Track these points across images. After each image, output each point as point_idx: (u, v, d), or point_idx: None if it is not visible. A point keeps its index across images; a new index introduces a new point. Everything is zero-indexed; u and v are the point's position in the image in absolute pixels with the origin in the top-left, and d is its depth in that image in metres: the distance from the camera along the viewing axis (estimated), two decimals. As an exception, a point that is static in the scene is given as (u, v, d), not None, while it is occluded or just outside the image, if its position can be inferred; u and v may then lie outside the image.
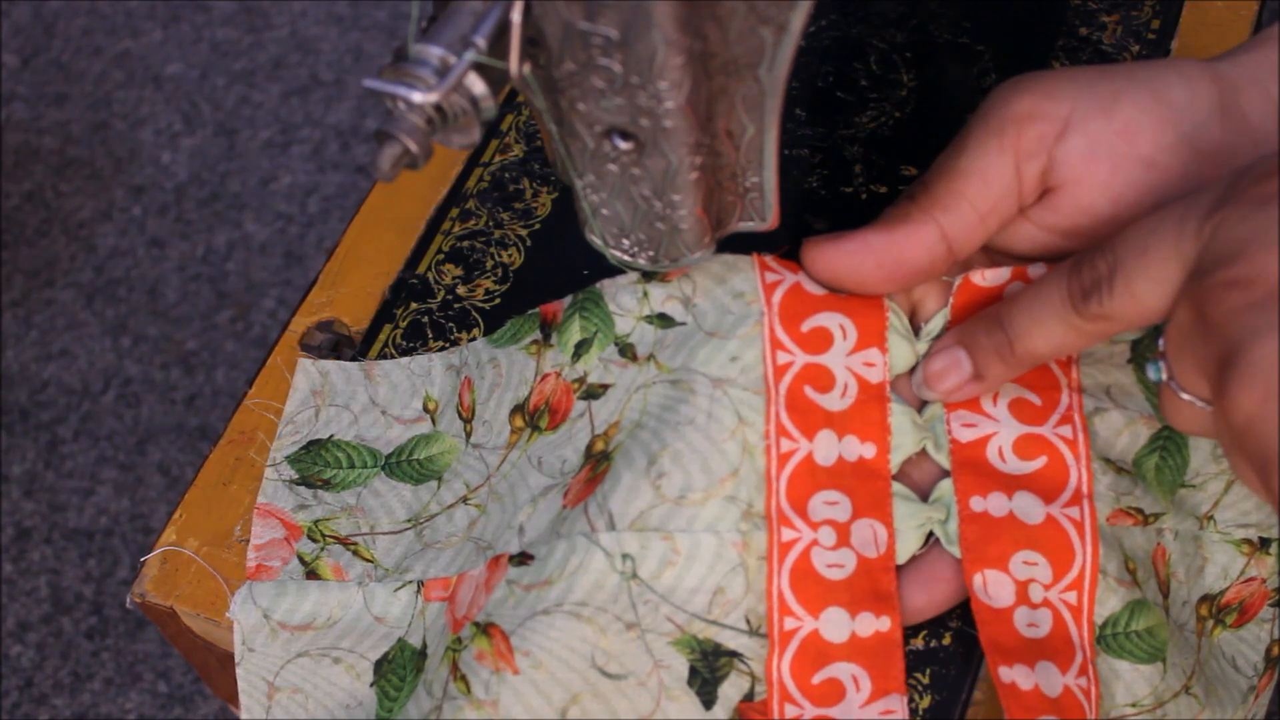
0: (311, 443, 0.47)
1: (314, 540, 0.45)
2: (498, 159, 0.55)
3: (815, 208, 0.52)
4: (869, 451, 0.42)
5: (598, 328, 0.44)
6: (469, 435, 0.46)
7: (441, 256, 0.52)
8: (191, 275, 0.98)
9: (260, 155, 1.03)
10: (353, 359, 0.50)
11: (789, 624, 0.40)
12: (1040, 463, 0.42)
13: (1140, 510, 0.43)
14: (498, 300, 0.51)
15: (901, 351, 0.44)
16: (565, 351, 0.45)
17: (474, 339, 0.50)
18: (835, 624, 0.41)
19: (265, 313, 0.96)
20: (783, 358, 0.43)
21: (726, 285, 0.44)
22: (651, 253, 0.41)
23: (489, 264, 0.52)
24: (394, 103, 0.34)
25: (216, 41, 1.11)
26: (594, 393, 0.44)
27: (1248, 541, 0.44)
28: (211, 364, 0.94)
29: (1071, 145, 0.42)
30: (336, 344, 0.51)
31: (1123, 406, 0.43)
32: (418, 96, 0.33)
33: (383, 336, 0.50)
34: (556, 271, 0.51)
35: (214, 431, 0.92)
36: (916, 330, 0.45)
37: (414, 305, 0.51)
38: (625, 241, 0.41)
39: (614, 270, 0.44)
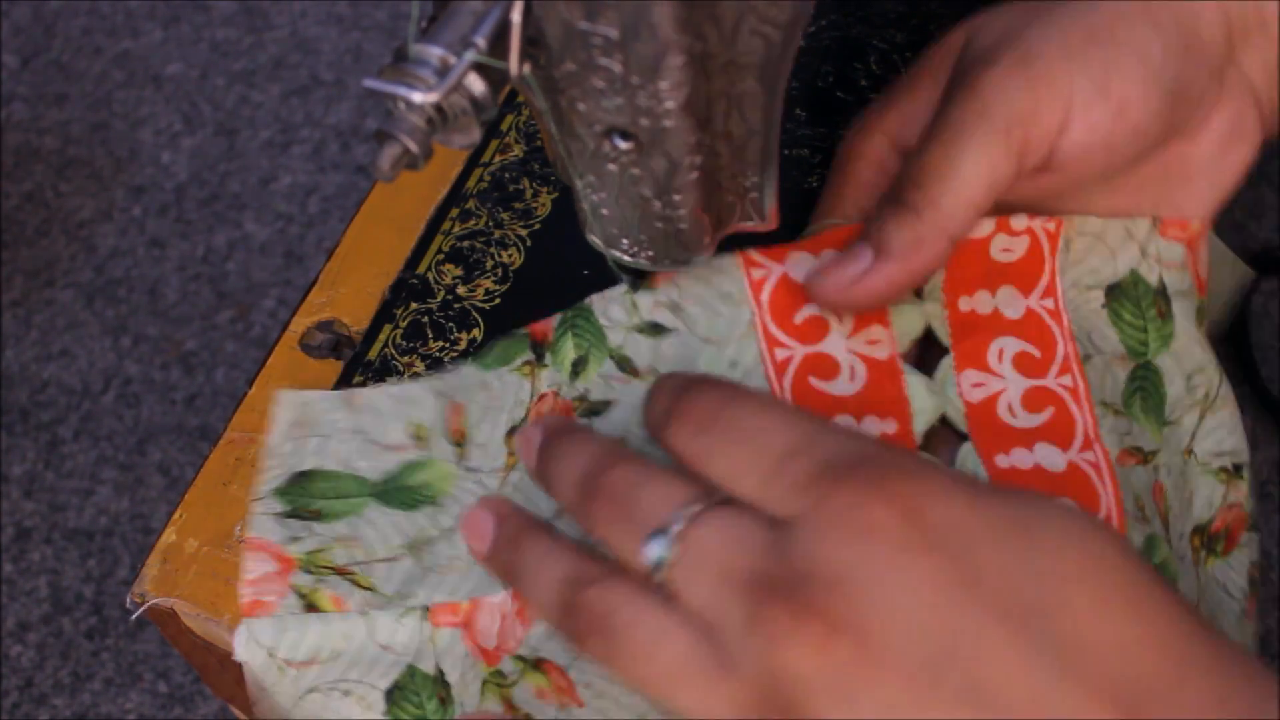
0: (298, 474, 0.45)
1: (309, 572, 0.43)
2: (498, 159, 0.55)
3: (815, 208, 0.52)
4: (890, 428, 0.42)
5: (590, 343, 0.44)
6: (462, 459, 0.45)
7: (441, 256, 0.52)
8: (191, 275, 0.98)
9: (260, 155, 1.03)
10: (352, 359, 0.50)
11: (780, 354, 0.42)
12: (1048, 414, 0.43)
13: (1140, 449, 0.43)
14: (498, 300, 0.51)
15: (910, 317, 0.43)
16: (563, 370, 0.44)
17: (475, 339, 0.50)
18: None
19: (265, 313, 0.96)
20: (781, 354, 0.42)
21: (713, 288, 0.43)
22: (651, 253, 0.41)
23: (489, 264, 0.52)
24: (394, 103, 0.34)
25: (216, 41, 1.11)
26: (596, 409, 0.44)
27: (1224, 469, 0.45)
28: (211, 364, 0.94)
29: (1074, 139, 0.42)
30: (336, 344, 0.51)
31: (1100, 350, 0.44)
32: (418, 96, 0.33)
33: (383, 336, 0.50)
34: (556, 271, 0.51)
35: (214, 431, 0.92)
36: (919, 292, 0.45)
37: (414, 305, 0.51)
38: (625, 241, 0.41)
39: (612, 271, 0.45)
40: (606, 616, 0.32)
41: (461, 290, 0.51)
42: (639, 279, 0.45)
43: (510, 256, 0.52)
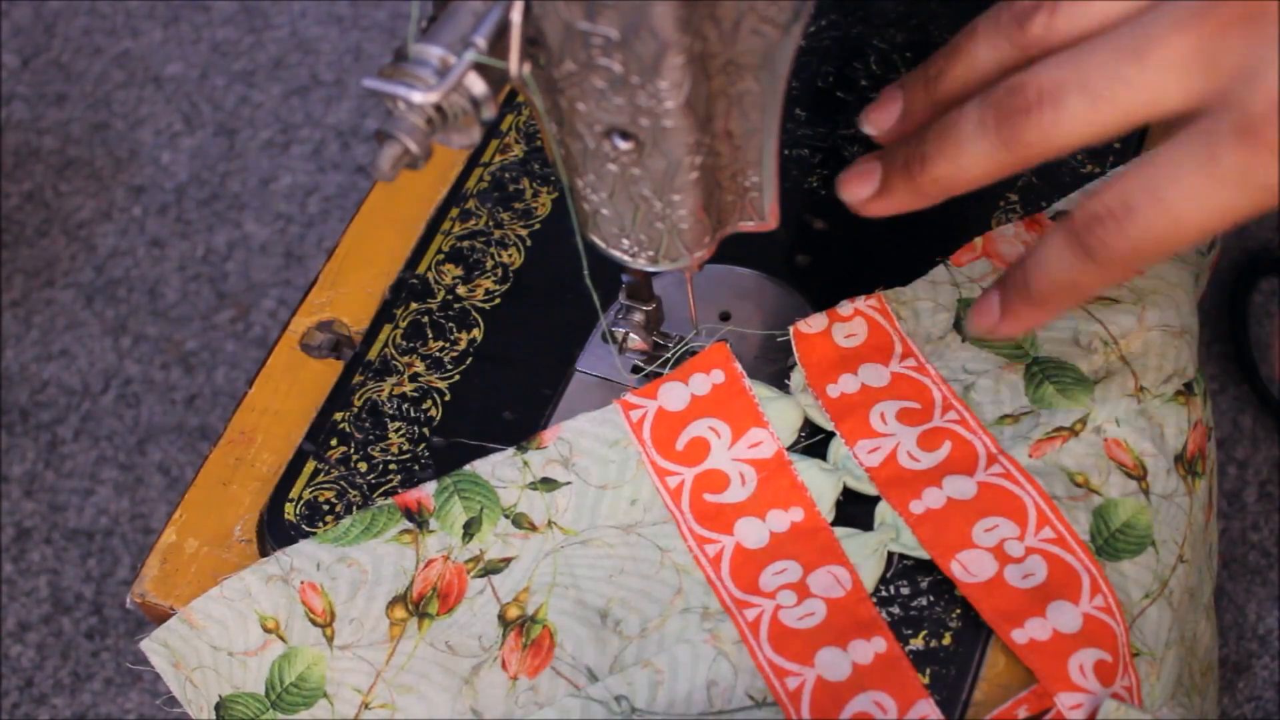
0: (216, 707, 0.44)
1: None
2: (498, 159, 0.55)
3: (815, 208, 0.52)
4: (797, 515, 0.44)
5: (482, 504, 0.45)
6: (331, 639, 0.44)
7: (441, 256, 0.52)
8: (191, 275, 0.98)
9: (260, 155, 1.03)
10: (353, 359, 0.50)
11: (792, 682, 0.41)
12: (946, 448, 0.45)
13: (1060, 427, 0.45)
14: (498, 300, 0.51)
15: (786, 412, 0.46)
16: (453, 534, 0.45)
17: (475, 339, 0.50)
18: (834, 663, 0.41)
19: (265, 313, 0.96)
20: (672, 481, 0.45)
21: (600, 438, 0.46)
22: (651, 253, 0.41)
23: (489, 264, 0.52)
24: (394, 103, 0.34)
25: (216, 41, 1.11)
26: (494, 568, 0.45)
27: (1179, 392, 0.46)
28: (211, 364, 0.94)
29: None
30: (336, 344, 0.51)
31: (983, 371, 0.46)
32: (418, 96, 0.33)
33: (383, 336, 0.50)
34: (556, 271, 0.51)
35: (214, 431, 0.92)
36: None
37: (414, 305, 0.51)
38: (625, 241, 0.41)
39: (613, 270, 0.45)
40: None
41: (461, 290, 0.51)
42: (524, 441, 0.46)
43: (510, 256, 0.52)
